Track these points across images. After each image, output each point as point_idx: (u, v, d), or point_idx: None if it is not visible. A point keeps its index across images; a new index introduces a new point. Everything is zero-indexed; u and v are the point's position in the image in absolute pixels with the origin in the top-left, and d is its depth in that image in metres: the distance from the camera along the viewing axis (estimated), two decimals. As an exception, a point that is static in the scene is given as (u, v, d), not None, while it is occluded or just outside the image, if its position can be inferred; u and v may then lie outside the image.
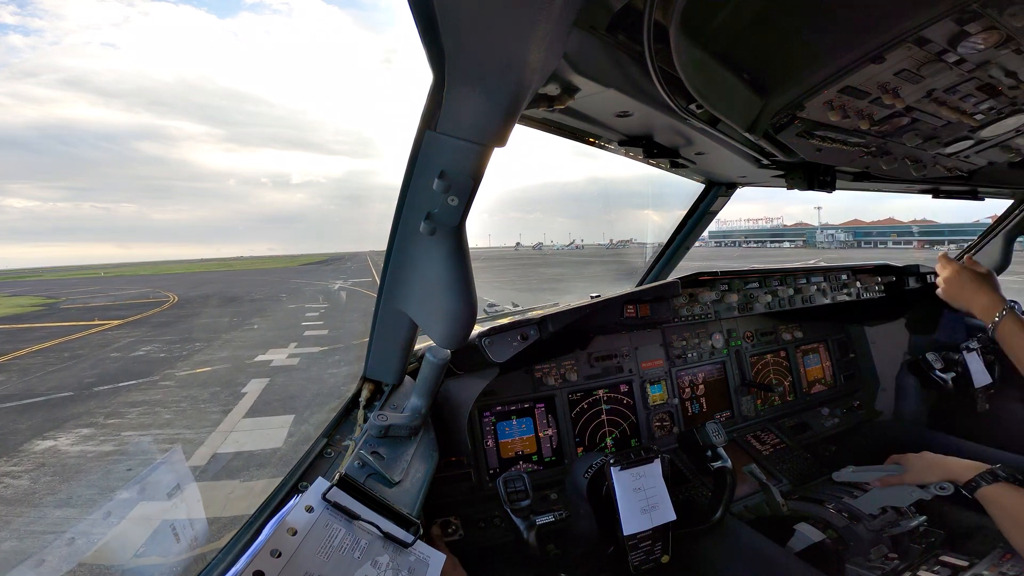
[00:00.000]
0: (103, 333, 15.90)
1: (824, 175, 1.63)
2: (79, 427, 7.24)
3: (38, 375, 10.54)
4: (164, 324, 17.29)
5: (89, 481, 5.59)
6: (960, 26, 0.76)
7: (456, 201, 0.92)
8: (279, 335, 13.73)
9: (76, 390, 9.24)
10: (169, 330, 15.87)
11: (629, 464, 1.43)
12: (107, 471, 5.82)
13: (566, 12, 0.63)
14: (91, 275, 73.87)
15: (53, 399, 8.71)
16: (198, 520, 4.42)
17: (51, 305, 27.35)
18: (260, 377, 9.39)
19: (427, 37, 0.68)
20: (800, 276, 2.45)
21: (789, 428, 2.37)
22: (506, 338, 1.54)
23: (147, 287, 37.84)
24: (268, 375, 9.57)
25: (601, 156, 1.56)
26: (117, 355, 12.36)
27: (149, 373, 10.18)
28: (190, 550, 4.04)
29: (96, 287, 41.67)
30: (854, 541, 1.53)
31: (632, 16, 0.79)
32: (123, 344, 13.72)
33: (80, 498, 5.20)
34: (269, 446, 6.26)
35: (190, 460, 5.82)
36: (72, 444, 6.64)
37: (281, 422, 7.09)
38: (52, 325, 18.39)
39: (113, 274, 73.68)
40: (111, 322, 18.23)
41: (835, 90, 0.99)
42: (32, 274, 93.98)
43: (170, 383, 9.48)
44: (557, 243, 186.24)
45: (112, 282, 49.33)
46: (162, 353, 12.24)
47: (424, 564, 1.01)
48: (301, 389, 8.70)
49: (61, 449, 6.47)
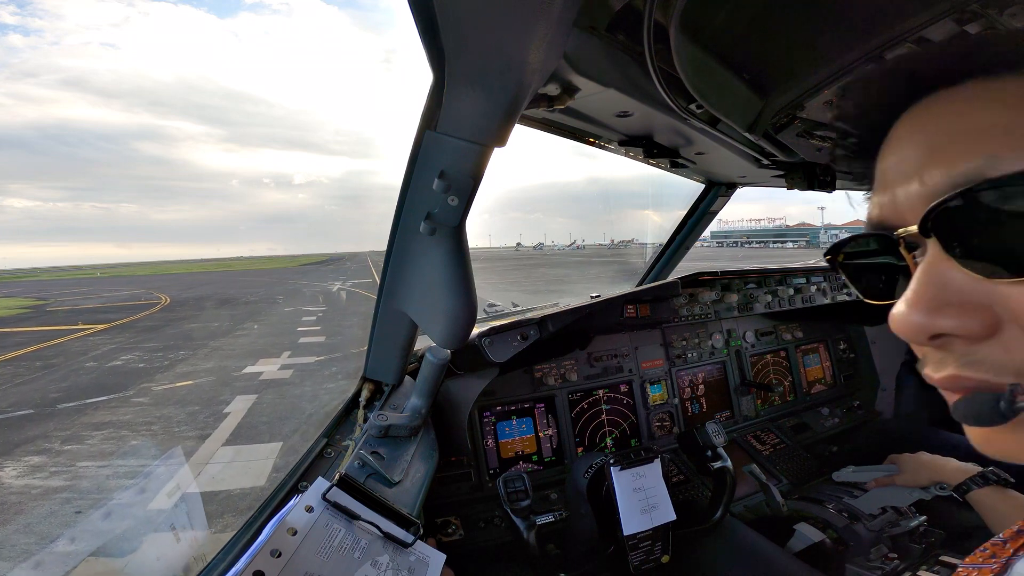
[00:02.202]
0: (84, 339, 14.86)
1: (824, 175, 1.63)
2: (30, 454, 6.31)
3: (1, 388, 9.54)
4: (150, 329, 16.34)
5: (27, 524, 4.63)
6: (960, 26, 0.76)
7: (456, 201, 0.92)
8: (272, 342, 12.87)
9: (38, 407, 8.25)
10: (155, 336, 14.90)
11: (629, 464, 1.43)
12: (51, 513, 4.85)
13: (566, 12, 0.63)
14: (87, 276, 71.90)
15: (10, 418, 7.72)
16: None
17: (39, 307, 26.29)
18: (247, 394, 8.41)
19: (427, 37, 0.69)
20: (800, 276, 2.45)
21: (789, 428, 2.37)
22: (506, 338, 1.54)
23: (140, 288, 36.54)
24: (256, 391, 8.57)
25: (601, 156, 1.56)
26: (93, 365, 11.26)
27: (123, 387, 9.18)
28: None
29: (90, 288, 40.50)
30: (854, 541, 1.53)
31: (632, 16, 0.79)
32: (102, 352, 12.68)
33: (14, 547, 4.26)
34: (249, 483, 5.35)
35: (153, 502, 4.82)
36: (17, 476, 5.68)
37: (266, 452, 6.12)
38: (33, 330, 17.47)
39: (110, 275, 71.61)
40: (96, 326, 17.34)
41: (835, 90, 0.99)
42: (29, 274, 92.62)
43: (144, 400, 8.44)
44: (558, 243, 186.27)
45: (107, 283, 47.93)
46: (142, 363, 11.18)
47: (424, 564, 1.01)
48: (292, 409, 7.66)
49: (3, 482, 5.57)
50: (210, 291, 31.31)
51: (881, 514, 1.59)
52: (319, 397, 8.31)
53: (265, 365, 10.45)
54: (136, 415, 7.65)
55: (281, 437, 6.58)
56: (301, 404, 7.92)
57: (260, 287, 32.76)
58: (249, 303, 23.10)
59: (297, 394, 8.43)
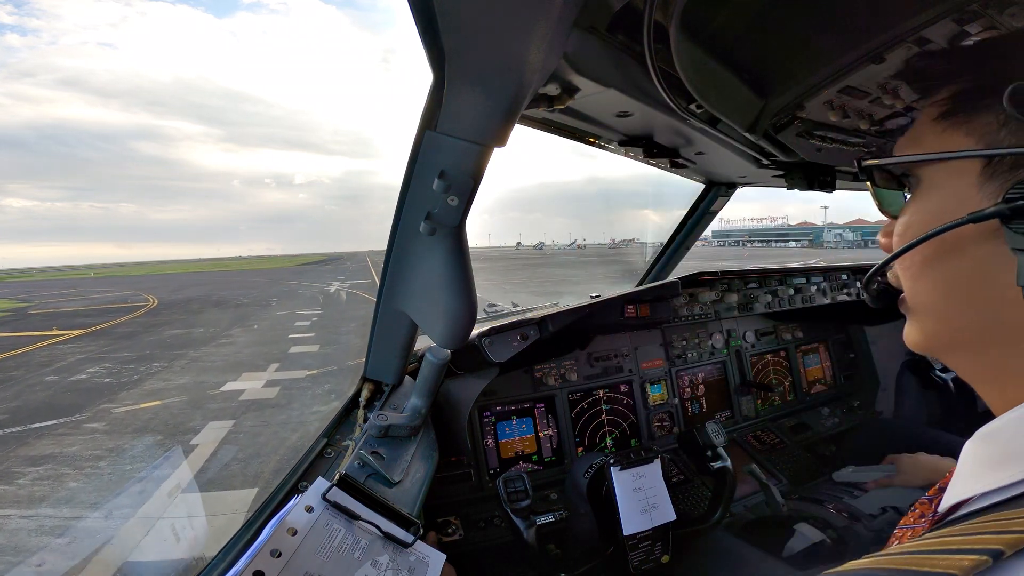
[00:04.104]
0: (54, 347, 13.24)
1: (824, 175, 1.63)
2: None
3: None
4: (128, 336, 14.67)
5: None
6: (960, 26, 0.76)
7: (456, 201, 0.92)
8: (259, 352, 11.40)
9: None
10: (131, 344, 13.30)
11: (629, 464, 1.43)
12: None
13: (566, 12, 0.63)
14: (81, 276, 68.22)
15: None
16: None
17: (19, 311, 24.16)
18: (222, 419, 6.98)
19: (427, 37, 0.69)
20: (800, 276, 2.45)
21: (789, 428, 2.37)
22: (506, 338, 1.54)
23: (130, 289, 34.08)
24: (234, 415, 7.15)
25: (600, 156, 1.56)
26: (53, 379, 9.70)
27: (79, 408, 7.74)
28: None
29: (79, 289, 38.05)
30: (854, 541, 1.53)
31: (632, 16, 0.79)
32: (67, 363, 11.09)
33: None
34: (211, 550, 3.54)
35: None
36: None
37: (238, 502, 4.64)
38: (4, 335, 15.65)
39: (105, 274, 68.29)
40: (71, 332, 15.63)
41: (835, 90, 0.99)
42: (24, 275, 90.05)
43: (99, 425, 6.97)
44: (559, 243, 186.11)
45: (98, 284, 45.19)
46: (108, 377, 9.70)
47: (424, 564, 1.01)
48: (274, 441, 6.19)
49: None
50: (201, 293, 29.34)
51: (881, 514, 1.59)
52: (307, 423, 6.82)
53: (248, 381, 9.06)
54: (84, 446, 6.27)
55: (257, 481, 5.11)
56: (285, 434, 6.41)
57: (254, 288, 30.95)
58: (240, 305, 21.47)
59: (282, 420, 6.95)
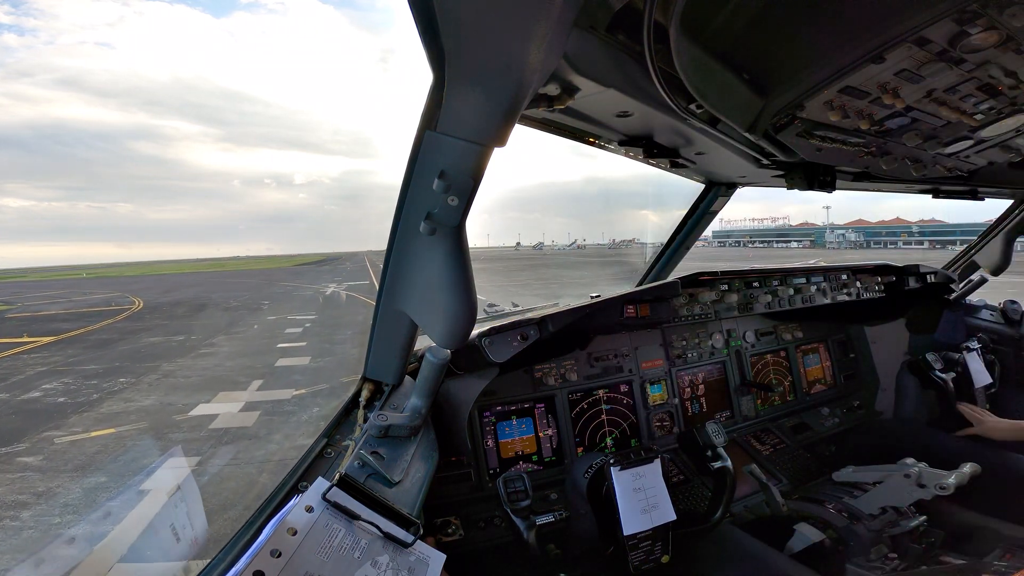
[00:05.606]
0: (16, 357, 11.70)
1: (824, 175, 1.63)
2: None
3: None
4: (101, 344, 13.20)
5: None
6: (960, 26, 0.76)
7: (456, 201, 0.92)
8: (242, 366, 10.00)
9: None
10: (101, 354, 11.82)
11: (629, 464, 1.43)
12: None
13: (566, 12, 0.63)
14: (74, 276, 63.84)
15: None
16: None
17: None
18: (185, 455, 5.69)
19: (427, 37, 0.69)
20: (800, 276, 2.45)
21: (789, 428, 2.37)
22: (506, 338, 1.54)
23: (119, 291, 31.90)
24: (199, 450, 5.78)
25: (600, 156, 1.56)
26: (3, 396, 8.40)
27: (18, 435, 6.40)
28: None
29: (67, 291, 35.70)
30: (854, 541, 1.53)
31: (632, 16, 0.79)
32: (25, 377, 9.70)
33: None
34: None
35: None
36: None
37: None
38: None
39: (98, 275, 64.56)
40: (41, 339, 14.15)
41: (835, 90, 0.99)
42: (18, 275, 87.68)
43: (34, 460, 5.66)
44: (559, 243, 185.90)
45: (89, 285, 42.12)
46: (64, 395, 8.38)
47: (424, 564, 1.01)
48: (245, 487, 4.83)
49: None
50: (191, 294, 27.73)
51: (881, 514, 1.59)
52: (288, 461, 5.19)
53: (223, 402, 7.63)
54: (8, 489, 5.01)
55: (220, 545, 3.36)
56: (261, 478, 5.01)
57: (247, 290, 29.29)
58: (229, 309, 19.93)
59: (259, 457, 5.50)
